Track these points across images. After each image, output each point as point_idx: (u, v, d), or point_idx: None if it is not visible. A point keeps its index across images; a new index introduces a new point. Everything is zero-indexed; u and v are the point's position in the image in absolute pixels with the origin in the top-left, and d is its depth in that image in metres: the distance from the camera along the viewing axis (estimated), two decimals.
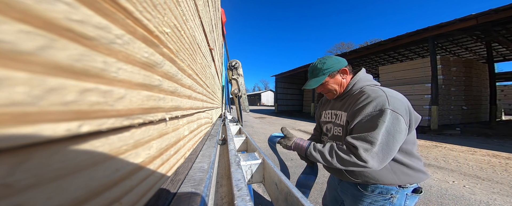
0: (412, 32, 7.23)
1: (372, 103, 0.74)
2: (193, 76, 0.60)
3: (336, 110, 0.94)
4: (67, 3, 0.15)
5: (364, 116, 0.75)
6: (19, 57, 0.12)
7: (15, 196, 0.12)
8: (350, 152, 0.73)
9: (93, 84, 0.18)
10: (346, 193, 0.95)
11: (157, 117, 0.31)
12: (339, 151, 0.75)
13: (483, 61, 10.82)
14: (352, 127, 0.77)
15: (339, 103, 0.94)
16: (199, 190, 0.39)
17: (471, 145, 4.72)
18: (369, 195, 0.84)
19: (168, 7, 0.34)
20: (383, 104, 0.72)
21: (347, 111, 0.84)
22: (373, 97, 0.75)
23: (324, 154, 0.78)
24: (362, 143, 0.71)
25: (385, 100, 0.73)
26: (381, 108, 0.72)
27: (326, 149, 0.79)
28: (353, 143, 0.72)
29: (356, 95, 0.84)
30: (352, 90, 0.89)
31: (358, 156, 0.71)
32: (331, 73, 0.90)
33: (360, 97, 0.80)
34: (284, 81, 18.81)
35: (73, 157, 0.17)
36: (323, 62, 0.90)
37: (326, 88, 0.93)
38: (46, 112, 0.14)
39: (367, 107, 0.74)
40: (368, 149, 0.70)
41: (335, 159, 0.76)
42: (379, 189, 0.82)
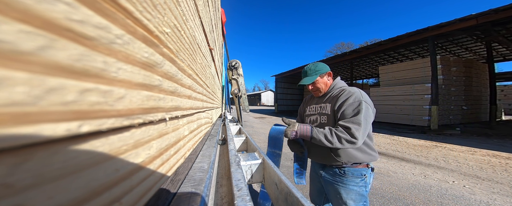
0: (412, 32, 7.23)
1: (351, 97, 1.03)
2: (193, 76, 0.60)
3: (321, 103, 1.20)
4: (67, 3, 0.15)
5: (347, 105, 1.02)
6: (19, 57, 0.12)
7: (15, 196, 0.12)
8: (345, 132, 0.96)
9: (93, 84, 0.18)
10: (329, 182, 1.14)
11: (157, 117, 0.31)
12: (337, 131, 0.97)
13: (483, 61, 10.82)
14: (340, 114, 1.03)
15: (323, 98, 1.22)
16: (199, 190, 0.39)
17: (471, 145, 4.72)
18: (350, 178, 1.07)
19: (168, 7, 0.34)
20: (359, 97, 1.02)
21: (331, 103, 1.11)
22: (352, 93, 1.05)
23: (326, 134, 0.98)
24: (352, 124, 0.96)
25: (360, 95, 1.04)
26: (358, 100, 1.01)
27: (327, 130, 1.00)
28: (346, 125, 0.97)
29: (338, 92, 1.12)
30: (333, 89, 1.18)
31: (351, 134, 0.94)
32: (321, 74, 1.17)
33: (342, 93, 1.08)
34: (284, 81, 18.80)
35: (73, 157, 0.17)
36: (316, 65, 1.19)
37: (316, 86, 1.20)
38: (46, 112, 0.14)
39: (348, 99, 1.03)
40: (357, 128, 0.95)
41: (335, 138, 0.96)
42: (357, 172, 1.07)
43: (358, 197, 1.07)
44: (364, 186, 1.08)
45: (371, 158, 1.09)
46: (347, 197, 1.07)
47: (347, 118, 0.99)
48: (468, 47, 10.31)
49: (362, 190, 1.07)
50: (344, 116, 1.01)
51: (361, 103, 1.00)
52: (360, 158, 1.06)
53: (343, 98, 1.05)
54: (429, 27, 6.72)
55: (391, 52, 11.36)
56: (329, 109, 1.11)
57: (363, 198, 1.08)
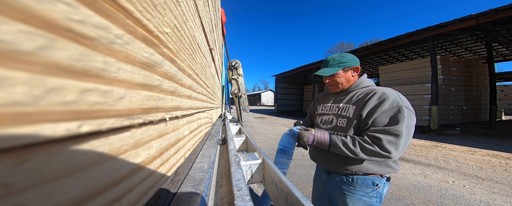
0: (412, 32, 7.23)
1: (387, 101, 0.82)
2: (193, 76, 0.60)
3: (340, 103, 1.00)
4: (67, 3, 0.15)
5: (381, 112, 0.81)
6: (19, 57, 0.12)
7: (15, 196, 0.12)
8: (374, 143, 0.79)
9: (93, 84, 0.18)
10: (335, 188, 0.99)
11: (157, 117, 0.31)
12: (363, 142, 0.81)
13: (483, 61, 10.82)
14: (371, 122, 0.83)
15: (343, 97, 1.01)
16: (199, 190, 0.39)
17: (471, 145, 4.72)
18: (360, 187, 0.91)
19: (168, 7, 0.34)
20: (398, 102, 0.81)
21: (356, 105, 0.91)
22: (387, 95, 0.83)
23: (347, 142, 0.84)
24: (386, 135, 0.78)
25: (398, 99, 0.82)
26: (397, 105, 0.80)
27: (349, 139, 0.85)
28: (376, 135, 0.79)
29: (366, 92, 0.92)
30: (358, 88, 0.98)
31: (382, 146, 0.77)
32: (345, 68, 0.97)
33: (373, 95, 0.87)
34: (284, 81, 18.80)
35: (73, 157, 0.17)
36: (342, 56, 0.98)
37: (334, 80, 1.00)
38: (46, 112, 0.14)
39: (383, 104, 0.82)
40: (392, 141, 0.77)
41: (358, 148, 0.81)
42: (367, 181, 0.91)
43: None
44: (375, 197, 0.92)
45: (390, 170, 0.92)
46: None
47: (379, 126, 0.81)
48: (468, 47, 10.31)
49: (372, 201, 0.91)
50: (376, 124, 0.82)
51: (401, 108, 0.79)
52: (374, 170, 0.90)
53: (374, 102, 0.84)
54: (429, 27, 6.71)
55: (391, 52, 11.35)
56: (352, 111, 0.91)
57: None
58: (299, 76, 18.99)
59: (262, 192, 1.11)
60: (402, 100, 0.82)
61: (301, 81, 19.52)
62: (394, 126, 0.78)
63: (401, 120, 0.78)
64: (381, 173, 0.91)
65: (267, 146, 4.73)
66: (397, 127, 0.77)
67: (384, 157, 0.78)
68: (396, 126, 0.77)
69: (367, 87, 0.96)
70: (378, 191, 0.92)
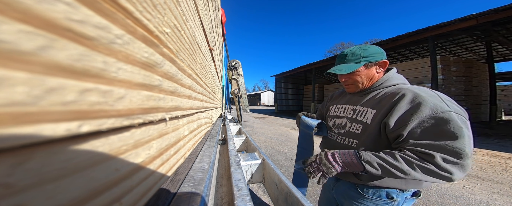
0: (412, 32, 7.23)
1: (425, 105, 0.60)
2: (193, 76, 0.60)
3: (356, 105, 0.82)
4: (67, 3, 0.15)
5: (421, 120, 0.60)
6: (19, 57, 0.12)
7: (15, 196, 0.12)
8: (424, 160, 0.59)
9: (93, 84, 0.18)
10: (343, 195, 0.86)
11: (157, 117, 0.31)
12: (405, 155, 0.61)
13: (483, 61, 10.81)
14: (406, 133, 0.62)
15: (360, 97, 0.82)
16: (199, 190, 0.39)
17: None
18: (371, 198, 0.76)
19: (168, 7, 0.34)
20: (443, 107, 0.59)
21: (376, 108, 0.72)
22: (422, 98, 0.62)
23: (387, 159, 0.62)
24: (441, 153, 0.57)
25: (442, 102, 0.61)
26: (443, 111, 0.58)
27: (384, 154, 0.63)
28: (426, 151, 0.58)
29: (392, 93, 0.71)
30: (381, 87, 0.78)
31: (437, 164, 0.57)
32: (368, 63, 0.76)
33: (402, 97, 0.66)
34: (284, 81, 18.81)
35: (73, 157, 0.17)
36: (364, 49, 0.77)
37: (354, 78, 0.80)
38: (46, 112, 0.14)
39: (420, 110, 0.60)
40: (453, 161, 0.56)
41: (404, 164, 0.60)
42: (381, 192, 0.75)
43: None
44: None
45: (416, 186, 0.73)
46: None
47: (424, 139, 0.60)
48: (468, 47, 10.31)
49: None
50: (419, 137, 0.60)
51: (450, 116, 0.57)
52: (391, 184, 0.72)
53: (405, 106, 0.64)
54: (429, 27, 6.71)
55: (391, 52, 11.35)
56: (371, 117, 0.73)
57: None
58: (299, 76, 18.99)
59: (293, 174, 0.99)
60: (449, 104, 0.60)
61: (301, 81, 19.52)
62: (451, 141, 0.56)
63: (461, 135, 0.55)
64: (401, 187, 0.72)
65: (267, 146, 4.73)
66: (456, 142, 0.56)
67: (444, 178, 0.58)
68: (454, 142, 0.56)
69: (394, 86, 0.75)
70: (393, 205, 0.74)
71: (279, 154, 4.05)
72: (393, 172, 0.61)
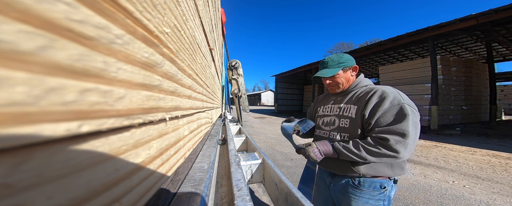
0: (412, 32, 7.22)
1: (387, 99, 0.80)
2: (193, 76, 0.60)
3: (341, 103, 0.99)
4: (67, 3, 0.15)
5: (383, 111, 0.79)
6: (19, 57, 0.12)
7: (15, 196, 0.12)
8: (378, 144, 0.77)
9: (93, 84, 0.18)
10: (341, 191, 0.96)
11: (157, 117, 0.31)
12: (366, 144, 0.80)
13: (483, 61, 10.81)
14: (374, 122, 0.82)
15: (343, 97, 1.01)
16: (199, 190, 0.39)
17: (471, 145, 4.72)
18: (366, 190, 0.88)
19: (168, 7, 0.34)
20: (399, 99, 0.80)
21: (358, 104, 0.90)
22: (387, 94, 0.82)
23: (351, 148, 0.82)
24: (391, 135, 0.76)
25: (399, 96, 0.81)
26: (399, 103, 0.79)
27: (351, 144, 0.84)
28: (382, 136, 0.77)
29: (366, 91, 0.91)
30: (357, 87, 0.98)
31: (389, 147, 0.75)
32: (344, 68, 0.97)
33: (373, 94, 0.85)
34: (284, 81, 18.81)
35: (73, 157, 0.17)
36: (340, 56, 0.98)
37: (335, 80, 0.99)
38: (46, 112, 0.14)
39: (384, 103, 0.80)
40: (399, 141, 0.74)
41: (363, 152, 0.79)
42: (375, 184, 0.88)
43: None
44: (383, 200, 0.88)
45: (401, 173, 0.89)
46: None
47: (382, 126, 0.79)
48: (468, 47, 10.30)
49: (379, 205, 0.88)
50: (380, 124, 0.80)
51: (403, 106, 0.77)
52: (385, 173, 0.87)
53: (375, 100, 0.83)
54: (429, 27, 6.71)
55: (391, 52, 11.35)
56: (354, 111, 0.90)
57: None
58: (299, 76, 18.99)
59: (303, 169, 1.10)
60: (402, 98, 0.81)
61: (301, 81, 19.52)
62: (399, 124, 0.76)
63: (405, 118, 0.75)
64: (391, 175, 0.88)
65: (267, 146, 4.73)
66: (401, 125, 0.75)
67: (392, 157, 0.76)
68: (400, 124, 0.75)
69: (367, 87, 0.96)
70: (385, 194, 0.89)
71: (279, 154, 4.05)
72: (354, 158, 0.82)
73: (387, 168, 0.86)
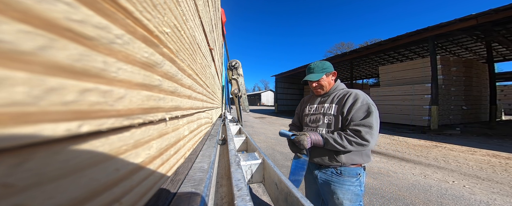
0: (412, 32, 7.23)
1: (359, 100, 1.06)
2: (193, 76, 0.60)
3: (324, 103, 1.22)
4: (67, 3, 0.15)
5: (356, 109, 1.05)
6: (19, 57, 0.12)
7: (15, 196, 0.12)
8: (355, 135, 0.99)
9: (93, 84, 0.18)
10: (325, 182, 1.16)
11: (157, 117, 0.31)
12: (347, 135, 1.01)
13: (483, 61, 10.82)
14: (350, 117, 1.05)
15: (326, 98, 1.24)
16: (199, 190, 0.39)
17: (471, 145, 4.72)
18: (347, 178, 1.10)
19: (168, 7, 0.34)
20: (367, 100, 1.07)
21: (337, 104, 1.14)
22: (358, 95, 1.09)
23: (336, 138, 1.03)
24: (363, 127, 0.99)
25: (366, 97, 1.08)
26: (366, 102, 1.05)
27: (336, 135, 1.04)
28: (356, 128, 1.00)
29: (344, 93, 1.16)
30: (336, 90, 1.22)
31: (362, 137, 0.98)
32: (327, 73, 1.20)
33: (348, 96, 1.11)
34: (284, 81, 18.81)
35: (73, 157, 0.17)
36: (323, 63, 1.22)
37: (320, 83, 1.22)
38: (46, 112, 0.14)
39: (356, 103, 1.06)
40: (368, 131, 0.98)
41: (345, 141, 1.00)
42: (352, 171, 1.10)
43: (354, 197, 1.09)
44: (359, 186, 1.11)
45: (368, 160, 1.14)
46: (343, 197, 1.09)
47: (356, 120, 1.02)
48: (468, 47, 10.31)
49: (357, 190, 1.10)
50: (354, 119, 1.03)
51: (369, 105, 1.03)
52: (358, 161, 1.10)
53: (350, 101, 1.08)
54: (429, 27, 6.71)
55: (391, 52, 11.35)
56: (335, 110, 1.14)
57: (359, 198, 1.11)
58: (299, 76, 18.98)
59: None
60: (369, 99, 1.07)
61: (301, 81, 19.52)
62: (366, 119, 1.00)
63: (371, 114, 1.01)
64: (363, 162, 1.11)
65: (267, 146, 4.73)
66: (368, 120, 1.00)
67: (364, 145, 0.98)
68: (367, 119, 1.00)
69: (343, 90, 1.21)
70: (360, 180, 1.11)
71: (279, 154, 4.05)
72: (337, 147, 1.02)
73: (359, 157, 1.10)
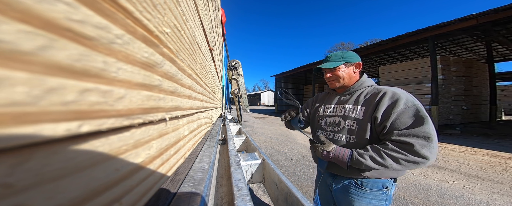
0: (412, 32, 7.22)
1: (401, 101, 0.76)
2: (193, 76, 0.60)
3: (345, 104, 0.95)
4: (67, 3, 0.15)
5: (399, 112, 0.75)
6: (19, 57, 0.12)
7: (15, 196, 0.12)
8: (403, 149, 0.71)
9: (93, 84, 0.18)
10: (342, 192, 0.94)
11: (157, 117, 0.31)
12: (390, 151, 0.72)
13: (483, 61, 10.81)
14: (389, 124, 0.76)
15: (347, 97, 0.97)
16: (199, 190, 0.39)
17: (471, 145, 4.72)
18: (370, 190, 0.87)
19: (168, 7, 0.34)
20: (412, 101, 0.76)
21: (365, 105, 0.87)
22: (398, 95, 0.79)
23: (373, 156, 0.74)
24: (415, 139, 0.70)
25: (411, 98, 0.78)
26: (413, 104, 0.75)
27: (371, 152, 0.76)
28: (404, 140, 0.71)
29: (374, 92, 0.87)
30: (362, 87, 0.94)
31: (416, 152, 0.69)
32: (347, 63, 0.94)
33: (384, 95, 0.81)
34: (284, 81, 18.80)
35: (73, 157, 0.17)
36: (345, 52, 0.97)
37: (336, 74, 0.95)
38: (46, 112, 0.14)
39: (397, 105, 0.76)
40: (425, 144, 0.69)
41: (389, 160, 0.72)
42: (377, 184, 0.86)
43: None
44: (385, 200, 0.87)
45: (402, 173, 0.88)
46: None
47: (401, 129, 0.73)
48: (468, 47, 10.30)
49: (382, 204, 0.87)
50: (397, 127, 0.74)
51: (419, 108, 0.73)
52: (387, 174, 0.85)
53: (387, 102, 0.79)
54: (429, 27, 6.71)
55: (391, 52, 11.35)
56: (362, 113, 0.86)
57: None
58: (299, 76, 18.99)
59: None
60: (415, 99, 0.77)
61: (301, 81, 19.52)
62: (420, 127, 0.70)
63: (425, 121, 0.70)
64: (395, 176, 0.86)
65: (267, 146, 4.73)
66: (423, 128, 0.70)
67: (421, 163, 0.70)
68: (422, 127, 0.70)
69: (372, 87, 0.93)
70: (387, 194, 0.87)
71: (279, 154, 4.05)
72: (376, 168, 0.75)
73: (392, 171, 0.84)
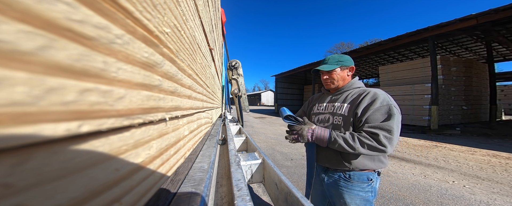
0: (412, 32, 7.22)
1: (378, 100, 0.92)
2: (193, 76, 0.60)
3: (335, 102, 1.09)
4: (67, 3, 0.15)
5: (374, 110, 0.90)
6: (19, 57, 0.12)
7: (15, 196, 0.12)
8: (371, 137, 0.86)
9: (93, 84, 0.18)
10: (332, 185, 1.07)
11: (157, 117, 0.31)
12: (361, 137, 0.88)
13: (483, 61, 10.81)
14: (365, 119, 0.91)
15: (338, 96, 1.11)
16: (199, 190, 0.39)
17: (471, 145, 4.72)
18: (356, 182, 0.99)
19: (168, 7, 0.34)
20: (388, 100, 0.92)
21: (351, 104, 1.00)
22: (378, 95, 0.94)
23: (346, 138, 0.90)
24: (381, 131, 0.85)
25: (388, 98, 0.94)
26: (387, 103, 0.90)
27: (347, 135, 0.92)
28: (373, 131, 0.86)
29: (359, 92, 1.02)
30: (351, 88, 1.09)
31: (379, 141, 0.84)
32: (342, 66, 1.07)
33: (365, 95, 0.97)
34: (284, 81, 18.81)
35: (73, 157, 0.17)
36: (341, 56, 1.09)
37: (332, 76, 1.09)
38: (46, 112, 0.14)
39: (374, 103, 0.91)
40: (387, 136, 0.84)
41: (357, 143, 0.87)
42: (363, 176, 0.99)
43: (363, 202, 0.99)
44: (371, 192, 1.00)
45: (382, 166, 1.01)
46: (351, 202, 1.00)
47: (373, 122, 0.89)
48: (468, 47, 10.30)
49: (368, 196, 0.99)
50: (370, 121, 0.89)
51: (391, 107, 0.89)
52: (369, 166, 0.98)
53: (367, 101, 0.94)
54: (429, 27, 6.71)
55: (391, 52, 11.35)
56: (347, 110, 1.00)
57: (369, 203, 1.00)
58: (299, 76, 18.99)
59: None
60: (390, 100, 0.93)
61: (301, 81, 19.52)
62: (387, 122, 0.86)
63: (392, 117, 0.87)
64: (375, 168, 0.99)
65: (267, 146, 4.73)
66: (389, 123, 0.86)
67: (380, 151, 0.85)
68: (388, 122, 0.86)
69: (359, 88, 1.06)
70: (372, 186, 0.99)
71: (279, 154, 4.05)
72: (346, 148, 0.89)
73: (371, 162, 0.98)
